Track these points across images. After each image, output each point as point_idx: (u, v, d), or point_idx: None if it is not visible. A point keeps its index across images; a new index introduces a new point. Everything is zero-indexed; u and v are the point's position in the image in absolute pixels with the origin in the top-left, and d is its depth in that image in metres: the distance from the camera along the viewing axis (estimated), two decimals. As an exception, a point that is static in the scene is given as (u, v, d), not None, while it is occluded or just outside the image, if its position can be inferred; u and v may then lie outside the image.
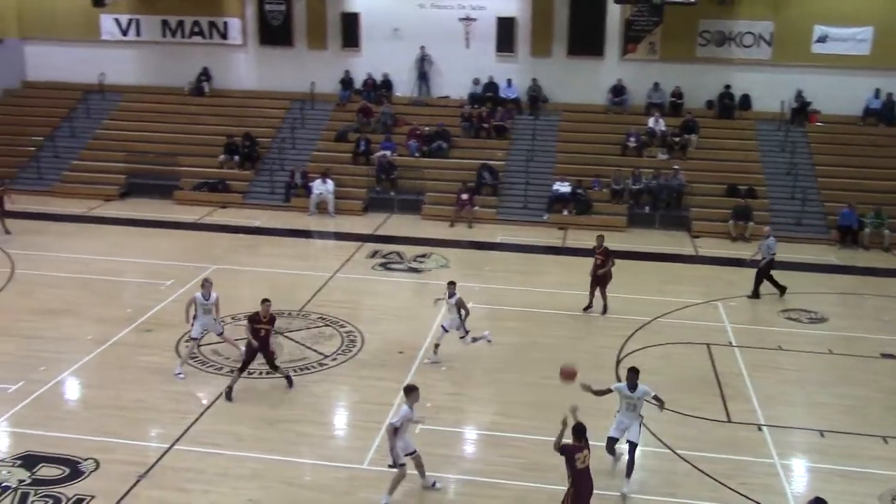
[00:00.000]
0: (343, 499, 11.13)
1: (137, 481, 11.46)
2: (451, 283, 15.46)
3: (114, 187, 26.98)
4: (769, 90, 27.94)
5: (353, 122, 28.53)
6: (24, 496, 11.07)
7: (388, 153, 26.79)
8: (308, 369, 15.05)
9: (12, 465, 11.76)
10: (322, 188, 25.43)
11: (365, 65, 29.72)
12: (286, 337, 16.38)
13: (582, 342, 16.61)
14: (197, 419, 13.25)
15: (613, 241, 23.09)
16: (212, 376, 14.65)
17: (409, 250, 22.05)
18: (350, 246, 22.41)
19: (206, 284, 14.97)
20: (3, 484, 11.31)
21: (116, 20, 30.65)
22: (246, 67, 30.60)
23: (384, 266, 20.93)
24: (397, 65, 29.36)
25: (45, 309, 17.50)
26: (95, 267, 20.05)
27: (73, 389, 14.46)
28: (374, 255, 21.72)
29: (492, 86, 28.98)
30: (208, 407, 13.67)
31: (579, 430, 10.14)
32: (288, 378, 14.27)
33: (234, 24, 30.20)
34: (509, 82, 28.95)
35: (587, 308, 18.04)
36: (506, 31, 28.96)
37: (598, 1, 28.17)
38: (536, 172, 26.56)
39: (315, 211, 25.41)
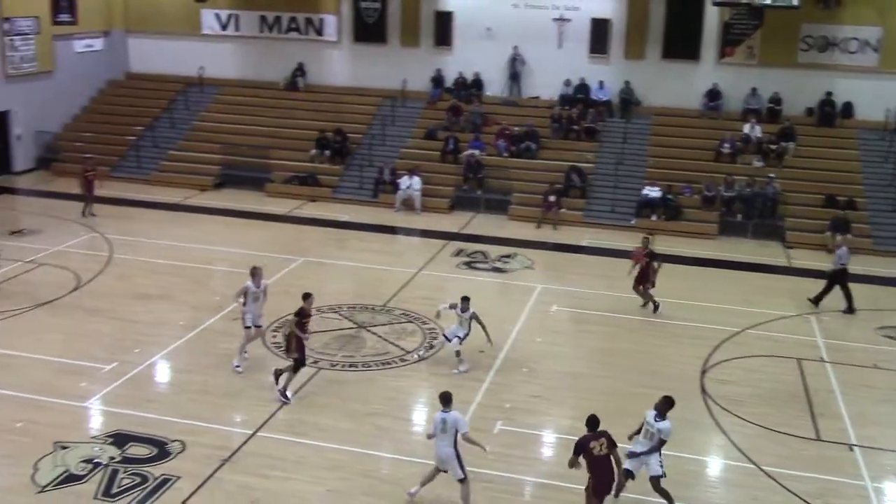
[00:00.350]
0: (419, 494, 11.17)
1: (221, 465, 11.74)
2: (465, 299, 14.99)
3: (208, 178, 27.70)
4: (874, 98, 26.89)
5: (443, 121, 28.64)
6: (114, 473, 11.46)
7: (476, 152, 26.81)
8: (389, 364, 15.16)
9: (104, 443, 12.19)
10: (409, 185, 25.61)
11: (456, 63, 29.81)
12: (369, 331, 16.55)
13: (666, 350, 16.29)
14: (280, 408, 13.50)
15: (703, 249, 22.73)
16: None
17: (494, 250, 22.02)
18: (435, 243, 22.51)
19: (256, 272, 14.87)
20: (95, 460, 11.74)
21: (217, 15, 31.47)
22: (340, 64, 31.05)
23: (468, 265, 20.94)
24: (488, 64, 29.35)
25: (140, 293, 18.08)
26: (188, 254, 20.62)
27: (163, 372, 14.91)
28: (458, 253, 21.76)
29: (583, 87, 28.69)
30: (293, 396, 13.89)
31: (593, 422, 10.32)
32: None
33: (330, 20, 30.68)
34: (601, 84, 28.62)
35: (655, 309, 17.89)
36: (600, 32, 28.63)
37: (696, 3, 27.60)
38: (626, 176, 26.17)
39: (401, 207, 25.60)
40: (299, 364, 13.75)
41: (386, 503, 11.09)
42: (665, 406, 10.70)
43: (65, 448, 11.98)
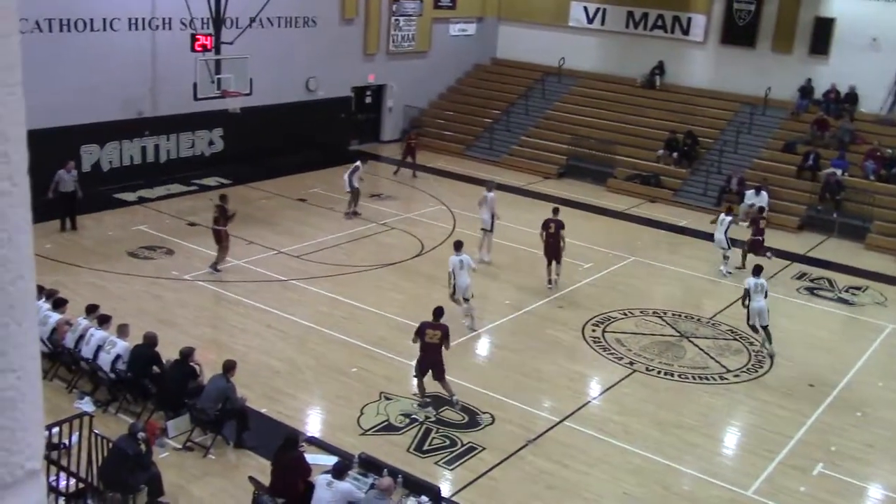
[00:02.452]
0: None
1: (525, 445, 12.02)
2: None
3: (553, 166, 28.32)
4: None
5: (805, 134, 26.73)
6: (427, 431, 12.20)
7: (838, 171, 24.71)
8: (707, 380, 14.56)
9: (423, 404, 13.00)
10: (754, 199, 24.20)
11: (831, 74, 27.61)
12: (691, 342, 16.01)
13: None
14: (589, 401, 13.53)
15: None
16: (612, 364, 14.82)
17: (843, 279, 20.20)
18: (776, 263, 21.14)
19: (459, 245, 16.08)
20: (413, 416, 12.57)
21: (585, 8, 31.94)
22: (701, 65, 30.13)
23: (810, 291, 19.43)
24: (868, 77, 26.83)
25: (473, 267, 18.96)
26: (521, 237, 21.25)
27: (484, 346, 15.56)
28: (801, 276, 20.27)
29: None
30: (603, 392, 13.87)
31: (437, 313, 12.57)
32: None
33: (699, 20, 29.83)
34: None
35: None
36: None
37: None
38: None
39: (744, 220, 24.29)
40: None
41: (682, 521, 10.72)
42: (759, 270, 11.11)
43: (388, 399, 12.97)
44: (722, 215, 20.10)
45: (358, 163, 22.32)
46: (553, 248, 17.92)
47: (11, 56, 1.09)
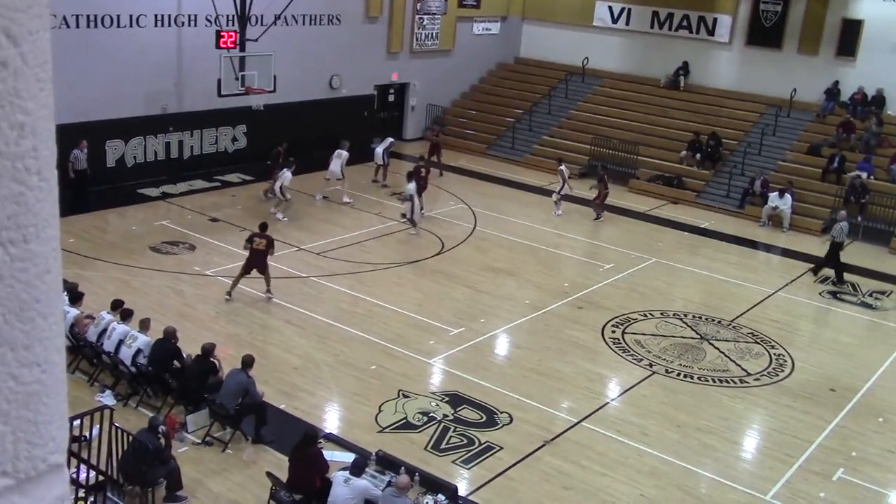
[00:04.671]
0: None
1: (543, 445, 12.01)
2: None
3: (575, 166, 28.18)
4: None
5: (831, 137, 26.50)
6: (445, 430, 12.21)
7: (864, 175, 24.48)
8: (727, 382, 14.48)
9: (441, 400, 13.02)
10: (777, 202, 24.01)
11: (858, 76, 27.34)
12: (711, 344, 15.92)
13: None
14: (608, 403, 13.49)
15: None
16: (631, 365, 14.77)
17: (867, 283, 20.01)
18: (799, 266, 20.98)
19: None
20: (430, 414, 12.58)
21: (609, 8, 31.81)
22: (726, 66, 29.93)
23: (833, 295, 19.26)
24: (895, 80, 26.57)
25: (493, 266, 18.99)
26: (541, 237, 21.24)
27: (503, 345, 15.56)
28: (824, 280, 20.09)
29: None
30: (621, 394, 13.83)
31: (263, 226, 16.14)
32: None
33: (724, 21, 29.63)
34: None
35: None
36: None
37: None
38: None
39: (767, 222, 24.17)
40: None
41: (700, 524, 10.66)
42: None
43: (406, 397, 12.99)
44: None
45: (391, 139, 24.96)
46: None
47: (43, 52, 1.11)
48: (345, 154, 22.77)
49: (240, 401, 11.51)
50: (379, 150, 24.26)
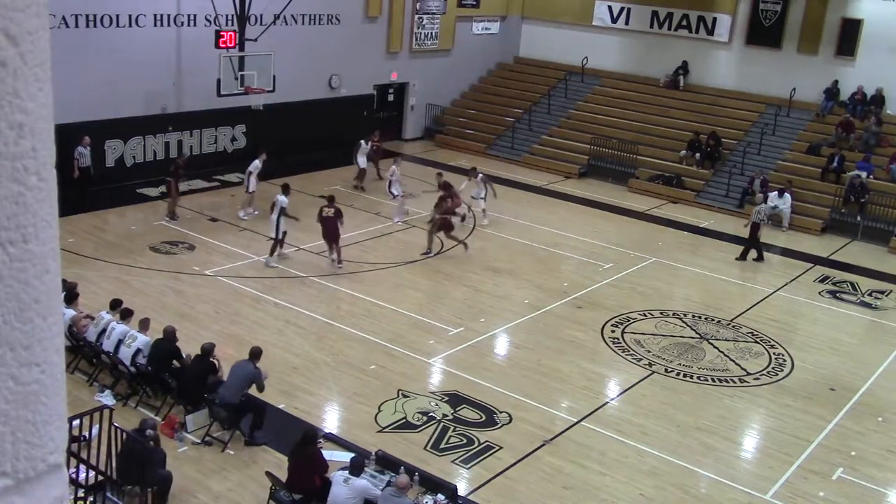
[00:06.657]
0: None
1: (542, 445, 12.01)
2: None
3: (575, 166, 28.24)
4: None
5: (830, 136, 26.51)
6: (445, 429, 12.21)
7: (863, 174, 24.49)
8: (726, 382, 14.48)
9: (440, 400, 13.02)
10: (776, 206, 23.95)
11: (857, 76, 27.34)
12: (711, 343, 15.92)
13: None
14: (607, 402, 13.49)
15: None
16: (631, 365, 14.77)
17: (866, 283, 20.02)
18: (798, 265, 21.00)
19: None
20: (430, 414, 12.58)
21: (609, 7, 31.81)
22: (726, 65, 29.93)
23: (833, 294, 19.27)
24: (895, 79, 26.58)
25: (491, 266, 18.99)
26: (543, 237, 21.23)
27: (502, 345, 15.56)
28: (823, 279, 20.10)
29: None
30: (621, 393, 13.83)
31: (331, 197, 16.76)
32: None
33: (724, 20, 29.63)
34: None
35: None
36: None
37: None
38: None
39: (766, 221, 24.11)
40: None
41: (699, 524, 10.66)
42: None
43: (406, 397, 12.99)
44: None
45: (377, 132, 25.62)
46: None
47: (42, 52, 1.11)
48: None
49: (245, 392, 11.51)
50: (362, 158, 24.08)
